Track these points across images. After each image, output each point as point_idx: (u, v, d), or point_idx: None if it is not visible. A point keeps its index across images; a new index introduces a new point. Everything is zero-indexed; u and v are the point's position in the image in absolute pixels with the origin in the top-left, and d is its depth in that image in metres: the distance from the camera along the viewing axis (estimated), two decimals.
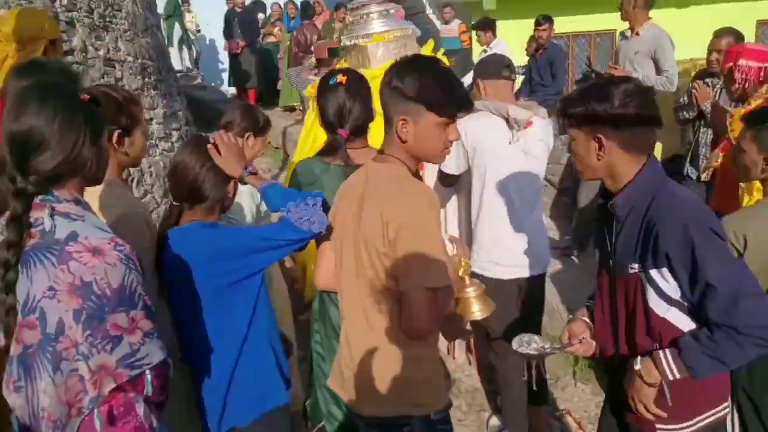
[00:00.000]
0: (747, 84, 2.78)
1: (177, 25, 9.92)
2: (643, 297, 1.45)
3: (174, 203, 1.68)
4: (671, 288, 1.40)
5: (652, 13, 4.19)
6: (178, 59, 11.01)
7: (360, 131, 2.00)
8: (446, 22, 10.45)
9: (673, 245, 1.34)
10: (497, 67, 2.51)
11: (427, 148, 1.42)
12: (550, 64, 5.60)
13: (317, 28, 7.92)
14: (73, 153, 1.15)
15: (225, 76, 10.36)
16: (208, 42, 11.76)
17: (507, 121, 2.39)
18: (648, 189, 1.43)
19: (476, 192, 2.50)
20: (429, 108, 1.35)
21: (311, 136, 3.00)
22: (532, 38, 5.98)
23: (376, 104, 1.69)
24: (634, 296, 1.48)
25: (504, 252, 2.47)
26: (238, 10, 8.65)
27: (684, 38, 5.04)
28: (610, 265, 1.56)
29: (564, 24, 10.04)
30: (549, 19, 5.67)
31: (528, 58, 6.10)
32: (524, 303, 2.53)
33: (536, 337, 1.73)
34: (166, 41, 9.93)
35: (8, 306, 1.11)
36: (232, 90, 9.59)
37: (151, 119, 4.89)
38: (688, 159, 3.78)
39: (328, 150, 1.99)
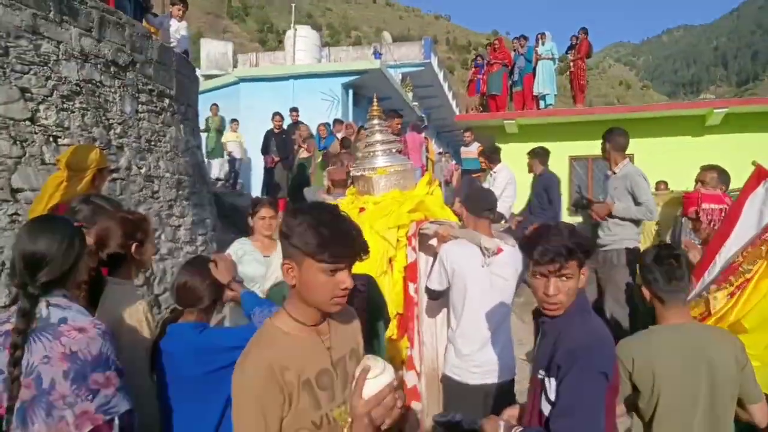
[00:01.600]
0: (713, 224, 3.12)
1: (221, 140, 11.32)
2: (540, 398, 1.75)
3: (177, 307, 2.19)
4: (553, 395, 1.69)
5: None
6: (220, 169, 12.30)
7: None
8: (466, 145, 11.29)
9: (562, 362, 1.65)
10: (481, 208, 3.01)
11: (314, 295, 1.38)
12: (545, 191, 6.08)
13: (353, 157, 8.84)
14: (70, 269, 1.68)
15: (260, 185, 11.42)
16: (249, 154, 13.04)
17: (480, 248, 2.89)
18: (571, 316, 1.74)
19: (455, 306, 2.98)
20: (306, 254, 1.34)
21: None
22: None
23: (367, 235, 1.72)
24: (536, 396, 1.78)
25: (473, 362, 2.88)
26: (276, 130, 9.78)
27: None
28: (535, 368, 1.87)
29: (586, 147, 10.76)
30: (537, 152, 6.23)
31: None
32: (495, 404, 2.83)
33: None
34: (207, 153, 11.26)
35: (14, 377, 1.53)
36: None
37: (179, 226, 5.60)
38: None
39: None
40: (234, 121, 12.30)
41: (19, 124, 3.82)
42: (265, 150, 9.73)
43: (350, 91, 15.72)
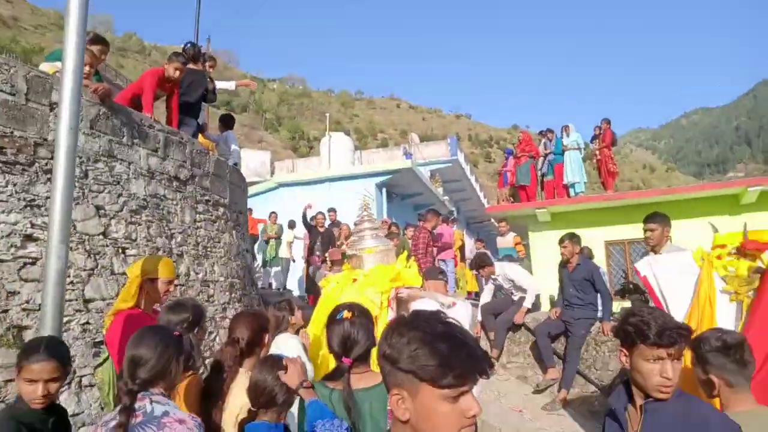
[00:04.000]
0: None
1: (285, 239, 11.97)
2: None
3: (251, 408, 2.26)
4: None
5: None
6: (274, 277, 12.67)
7: (362, 359, 2.24)
8: (502, 235, 11.45)
9: None
10: (435, 273, 4.51)
11: (436, 430, 1.10)
12: (587, 280, 5.93)
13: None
14: (162, 368, 1.96)
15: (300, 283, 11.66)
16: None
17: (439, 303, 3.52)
18: (684, 398, 1.76)
19: None
20: (422, 379, 1.09)
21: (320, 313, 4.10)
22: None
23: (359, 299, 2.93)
24: None
25: None
26: (321, 229, 10.19)
27: None
28: None
29: (621, 232, 10.75)
30: (571, 237, 6.12)
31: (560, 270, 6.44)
32: None
33: None
34: (267, 262, 11.70)
35: None
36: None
37: None
38: None
39: (335, 375, 2.29)
40: (292, 223, 12.83)
41: (93, 239, 4.13)
42: (311, 251, 10.04)
43: (383, 190, 16.29)
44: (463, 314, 3.60)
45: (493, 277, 6.90)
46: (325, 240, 9.99)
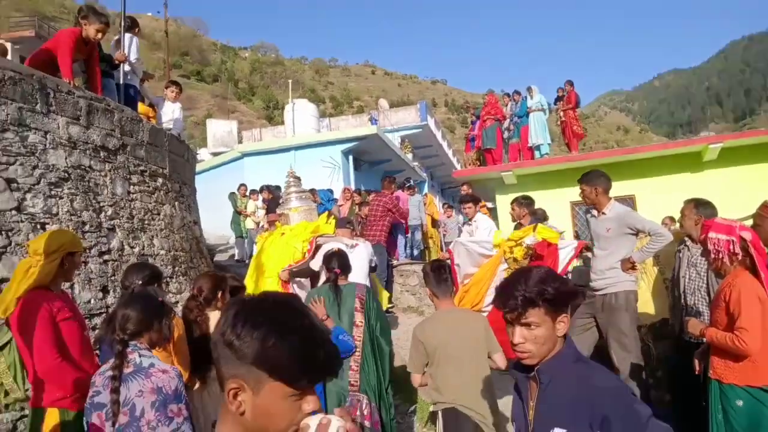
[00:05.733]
0: (721, 255, 2.87)
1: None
2: None
3: None
4: None
5: None
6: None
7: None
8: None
9: (609, 411, 1.47)
10: (343, 223, 5.66)
11: (271, 427, 1.02)
12: None
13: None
14: (147, 323, 2.33)
15: None
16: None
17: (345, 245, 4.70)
18: (569, 362, 1.62)
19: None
20: (272, 377, 1.00)
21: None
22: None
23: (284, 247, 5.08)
24: None
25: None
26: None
27: None
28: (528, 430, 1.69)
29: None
30: (519, 200, 6.00)
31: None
32: None
33: None
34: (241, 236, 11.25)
35: (115, 402, 2.09)
36: None
37: (177, 302, 5.52)
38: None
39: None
40: (253, 191, 12.08)
41: (4, 214, 3.85)
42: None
43: (350, 157, 16.00)
44: (363, 254, 4.90)
45: (472, 220, 6.98)
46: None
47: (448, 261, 5.16)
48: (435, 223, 12.12)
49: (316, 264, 4.71)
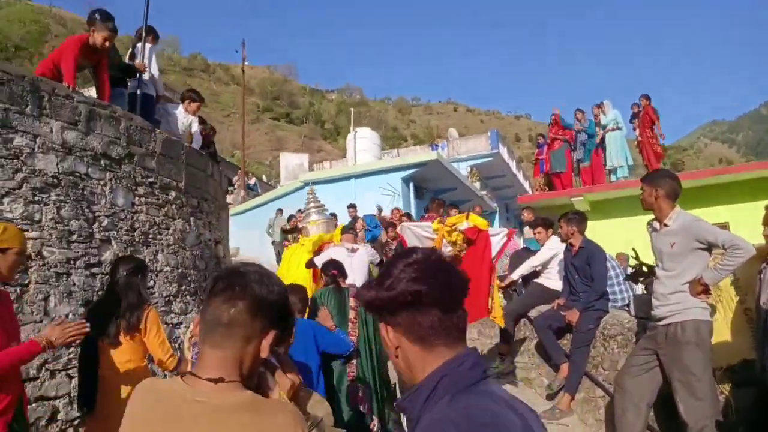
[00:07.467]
0: None
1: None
2: None
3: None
4: None
5: None
6: None
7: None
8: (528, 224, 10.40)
9: None
10: (347, 229, 6.44)
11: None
12: (589, 265, 4.95)
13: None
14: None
15: None
16: None
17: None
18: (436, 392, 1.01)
19: None
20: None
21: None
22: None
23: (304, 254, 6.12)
24: None
25: None
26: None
27: None
28: None
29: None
30: (567, 216, 5.11)
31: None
32: None
33: None
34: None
35: None
36: None
37: (180, 323, 5.14)
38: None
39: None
40: (292, 217, 12.27)
41: None
42: None
43: (411, 184, 15.50)
44: (363, 257, 5.73)
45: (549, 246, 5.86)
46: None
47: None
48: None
49: (319, 261, 5.40)
